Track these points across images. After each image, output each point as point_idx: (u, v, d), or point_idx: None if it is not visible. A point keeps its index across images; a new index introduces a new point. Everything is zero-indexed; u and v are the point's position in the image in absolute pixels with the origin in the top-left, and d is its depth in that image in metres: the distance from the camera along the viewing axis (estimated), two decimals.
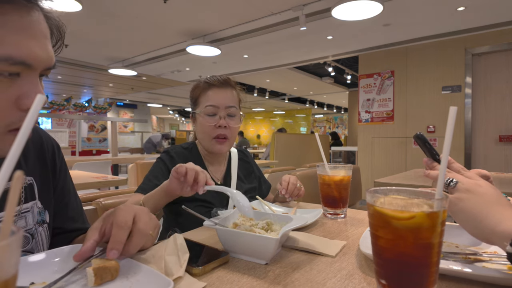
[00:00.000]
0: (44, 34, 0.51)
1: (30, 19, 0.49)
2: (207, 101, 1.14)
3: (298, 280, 0.56)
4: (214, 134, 1.13)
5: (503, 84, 4.36)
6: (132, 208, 0.59)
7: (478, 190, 0.56)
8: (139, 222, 0.57)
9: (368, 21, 3.83)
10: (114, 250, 0.54)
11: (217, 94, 1.15)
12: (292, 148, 5.82)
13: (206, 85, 1.17)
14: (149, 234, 0.59)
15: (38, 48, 0.49)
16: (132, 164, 1.86)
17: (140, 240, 0.57)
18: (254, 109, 15.54)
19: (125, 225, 0.55)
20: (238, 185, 1.21)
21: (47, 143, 0.73)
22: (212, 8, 3.82)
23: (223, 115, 1.14)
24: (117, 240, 0.54)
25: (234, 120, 1.17)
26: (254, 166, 1.35)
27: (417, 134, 0.66)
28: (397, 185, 0.89)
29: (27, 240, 0.64)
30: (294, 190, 1.11)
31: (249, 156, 1.37)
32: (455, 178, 0.59)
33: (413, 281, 0.44)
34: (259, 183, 1.33)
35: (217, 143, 1.14)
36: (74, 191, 0.79)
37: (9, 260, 0.26)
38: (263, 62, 6.39)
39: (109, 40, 5.12)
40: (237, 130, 1.19)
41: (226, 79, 1.19)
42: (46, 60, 0.51)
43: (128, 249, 0.56)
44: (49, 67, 0.52)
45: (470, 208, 0.55)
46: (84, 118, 8.97)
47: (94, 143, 10.90)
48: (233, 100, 1.18)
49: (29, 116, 0.32)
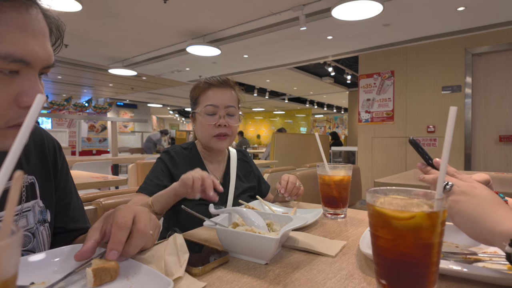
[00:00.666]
0: (43, 32, 0.51)
1: (29, 16, 0.49)
2: (207, 101, 1.16)
3: (298, 280, 0.56)
4: (215, 133, 1.15)
5: (503, 84, 4.36)
6: (132, 209, 0.59)
7: (473, 191, 0.57)
8: (139, 222, 0.57)
9: (368, 21, 3.83)
10: (114, 250, 0.53)
11: (217, 94, 1.17)
12: (292, 148, 5.82)
13: (206, 85, 1.19)
14: (150, 235, 0.58)
15: (37, 46, 0.49)
16: (132, 164, 1.86)
17: (140, 240, 0.57)
18: (254, 109, 15.54)
19: (124, 226, 0.55)
20: (238, 183, 1.22)
21: (49, 143, 0.73)
22: (212, 8, 3.82)
23: (222, 114, 1.16)
24: (116, 241, 0.54)
25: (233, 119, 1.19)
26: (253, 166, 1.36)
27: (410, 139, 0.68)
28: (397, 185, 0.89)
29: (28, 239, 0.64)
30: (293, 189, 1.12)
31: (248, 156, 1.38)
32: (450, 181, 0.60)
33: (413, 281, 0.44)
34: (258, 182, 1.34)
35: (218, 140, 1.16)
36: (75, 191, 0.79)
37: (9, 260, 0.26)
38: (263, 62, 6.39)
39: (109, 40, 5.13)
40: (236, 129, 1.21)
41: (225, 79, 1.21)
42: (45, 58, 0.51)
43: (128, 250, 0.55)
44: (49, 65, 0.52)
45: (467, 210, 0.55)
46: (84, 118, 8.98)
47: (94, 143, 10.89)
48: (232, 100, 1.19)
49: (29, 115, 0.32)
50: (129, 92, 10.72)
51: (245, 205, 1.02)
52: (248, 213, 0.75)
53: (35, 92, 0.49)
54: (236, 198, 1.17)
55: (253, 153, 8.50)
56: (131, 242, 0.56)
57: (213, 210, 0.79)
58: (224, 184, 1.19)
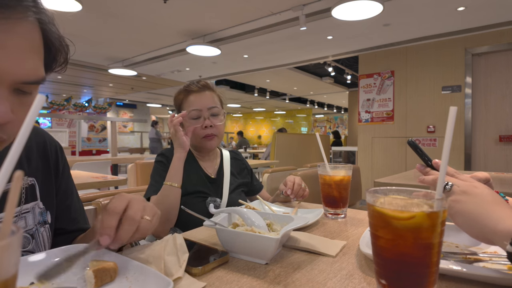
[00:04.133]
0: (23, 47, 0.46)
1: (12, 29, 0.45)
2: (190, 106, 1.21)
3: (299, 280, 0.56)
4: (202, 134, 1.20)
5: (503, 84, 4.36)
6: (126, 197, 0.59)
7: (474, 191, 0.57)
8: (129, 209, 0.57)
9: (368, 21, 3.83)
10: (105, 235, 0.53)
11: (198, 98, 1.22)
12: (293, 148, 5.82)
13: (186, 92, 1.25)
14: (144, 220, 0.58)
15: (9, 60, 0.45)
16: (132, 164, 1.86)
17: (129, 227, 0.56)
18: (254, 109, 15.54)
19: (113, 211, 0.55)
20: (232, 179, 1.26)
21: (51, 144, 0.74)
22: (212, 8, 3.82)
23: (207, 115, 1.20)
24: (106, 226, 0.54)
25: (217, 119, 1.23)
26: (245, 163, 1.42)
27: (408, 141, 0.69)
28: (397, 185, 0.89)
29: (27, 241, 0.64)
30: (299, 190, 1.14)
31: (241, 155, 1.44)
32: (450, 181, 0.60)
33: (413, 281, 0.44)
34: (251, 178, 1.39)
35: (207, 140, 1.21)
36: (76, 192, 0.79)
37: (9, 260, 0.26)
38: (263, 62, 6.39)
39: (109, 40, 5.13)
40: (222, 127, 1.26)
41: (204, 83, 1.25)
42: (18, 74, 0.45)
43: (119, 235, 0.55)
44: (26, 81, 0.47)
45: (467, 209, 0.55)
46: (84, 118, 8.98)
47: (94, 143, 10.90)
48: (214, 100, 1.24)
49: (29, 116, 0.32)
50: (129, 92, 10.71)
51: (245, 205, 1.02)
52: (248, 213, 0.75)
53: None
54: (231, 193, 1.22)
55: (253, 153, 8.50)
56: (121, 228, 0.55)
57: (213, 210, 0.79)
58: (218, 180, 1.23)
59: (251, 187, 1.37)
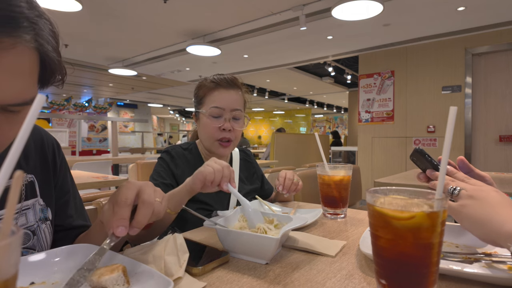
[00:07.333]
0: (16, 69, 0.45)
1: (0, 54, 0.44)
2: (213, 102, 1.11)
3: (298, 280, 0.56)
4: (218, 136, 1.11)
5: (503, 84, 4.36)
6: (135, 184, 0.59)
7: (480, 194, 0.57)
8: (143, 194, 0.57)
9: (368, 21, 3.83)
10: (121, 226, 0.53)
11: (223, 95, 1.12)
12: (292, 148, 5.82)
13: (213, 84, 1.13)
14: (158, 202, 0.58)
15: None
16: (133, 164, 1.85)
17: (147, 210, 0.56)
18: (254, 109, 15.54)
19: (125, 203, 0.55)
20: (240, 186, 1.19)
21: (48, 141, 0.74)
22: (212, 8, 3.82)
23: (228, 117, 1.11)
24: (119, 218, 0.54)
25: (238, 123, 1.14)
26: (256, 166, 1.34)
27: (416, 149, 0.69)
28: (397, 185, 0.90)
29: (28, 237, 0.65)
30: (291, 185, 1.10)
31: (252, 156, 1.35)
32: (459, 186, 0.60)
33: (413, 281, 0.44)
34: (262, 183, 1.32)
35: (220, 146, 1.12)
36: (74, 189, 0.79)
37: (9, 260, 0.26)
38: (263, 62, 6.39)
39: (109, 40, 5.12)
40: (240, 132, 1.17)
41: (233, 79, 1.15)
42: (1, 98, 0.45)
43: (137, 220, 0.55)
44: (10, 104, 0.46)
45: (474, 213, 0.56)
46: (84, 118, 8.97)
47: (94, 143, 10.89)
48: (239, 102, 1.15)
49: (29, 116, 0.32)
50: (129, 92, 10.72)
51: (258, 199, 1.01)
52: (249, 213, 0.75)
53: None
54: (238, 203, 1.15)
55: (253, 153, 8.49)
56: (139, 213, 0.55)
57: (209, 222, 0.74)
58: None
59: (262, 192, 1.28)
